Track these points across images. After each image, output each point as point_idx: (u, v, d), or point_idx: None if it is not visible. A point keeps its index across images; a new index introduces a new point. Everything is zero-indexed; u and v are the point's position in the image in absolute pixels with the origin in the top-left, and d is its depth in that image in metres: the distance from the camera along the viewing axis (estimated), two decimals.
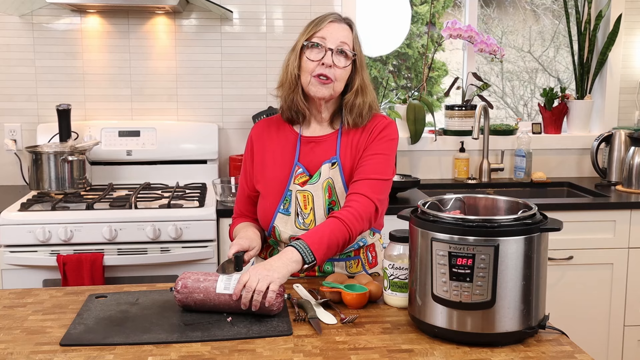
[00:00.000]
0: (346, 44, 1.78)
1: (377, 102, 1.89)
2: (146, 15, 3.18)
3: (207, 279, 1.58)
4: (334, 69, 1.77)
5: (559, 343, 1.44)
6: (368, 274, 1.90)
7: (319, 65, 1.77)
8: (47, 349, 1.41)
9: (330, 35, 1.78)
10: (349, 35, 1.80)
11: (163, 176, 3.15)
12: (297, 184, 1.83)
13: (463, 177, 3.36)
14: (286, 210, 1.83)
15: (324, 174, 1.82)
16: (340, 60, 1.78)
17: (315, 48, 1.78)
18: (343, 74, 1.79)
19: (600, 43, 3.46)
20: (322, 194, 1.81)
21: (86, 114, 3.22)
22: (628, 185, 3.09)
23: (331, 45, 1.77)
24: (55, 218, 2.53)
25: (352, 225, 1.70)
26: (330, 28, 1.78)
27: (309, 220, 1.82)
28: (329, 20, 1.80)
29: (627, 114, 3.51)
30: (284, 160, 1.87)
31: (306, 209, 1.82)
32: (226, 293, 1.55)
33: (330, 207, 1.81)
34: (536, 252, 1.40)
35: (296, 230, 1.82)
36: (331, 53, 1.77)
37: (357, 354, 1.38)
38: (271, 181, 1.87)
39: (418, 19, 3.77)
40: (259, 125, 1.96)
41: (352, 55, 1.80)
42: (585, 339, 2.82)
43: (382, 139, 1.83)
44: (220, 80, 3.27)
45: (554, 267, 2.82)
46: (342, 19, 1.82)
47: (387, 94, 3.54)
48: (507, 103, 4.08)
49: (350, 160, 1.83)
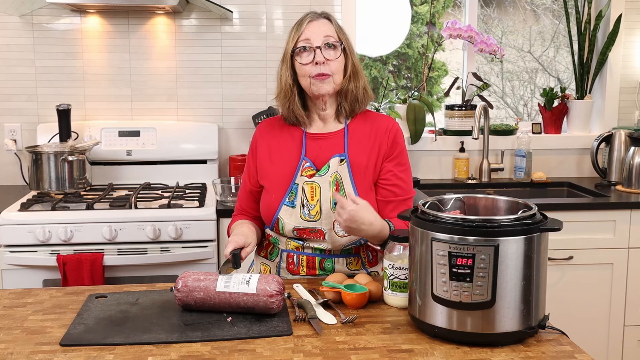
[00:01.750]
0: (330, 36, 1.83)
1: (369, 86, 1.94)
2: (146, 15, 3.18)
3: (207, 278, 1.58)
4: (327, 64, 1.82)
5: (559, 343, 1.44)
6: (368, 272, 1.90)
7: (313, 66, 1.81)
8: (47, 349, 1.41)
9: (313, 34, 1.82)
10: (330, 28, 1.85)
11: (163, 176, 3.15)
12: (305, 176, 1.85)
13: (463, 177, 3.36)
14: (291, 202, 1.85)
15: (332, 168, 1.85)
16: (330, 54, 1.83)
17: (304, 51, 1.83)
18: (338, 66, 1.84)
19: (600, 43, 3.46)
20: (330, 186, 1.83)
21: (86, 114, 3.22)
22: (628, 185, 3.09)
23: (317, 43, 1.82)
24: (55, 218, 2.53)
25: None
26: (311, 27, 1.83)
27: (315, 211, 1.83)
28: (307, 21, 1.85)
29: (627, 114, 3.51)
30: (290, 155, 1.90)
31: (312, 200, 1.83)
32: (226, 291, 1.55)
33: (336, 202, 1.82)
34: (536, 252, 1.40)
35: (301, 221, 1.84)
36: (320, 50, 1.81)
37: (357, 354, 1.38)
38: (277, 175, 1.89)
39: (418, 19, 3.78)
40: (263, 124, 2.00)
41: (339, 45, 1.84)
42: (585, 339, 2.82)
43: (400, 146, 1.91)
44: (220, 80, 3.27)
45: (554, 267, 2.82)
46: (319, 15, 1.87)
47: (387, 94, 3.54)
48: (507, 103, 4.08)
49: (358, 156, 1.86)
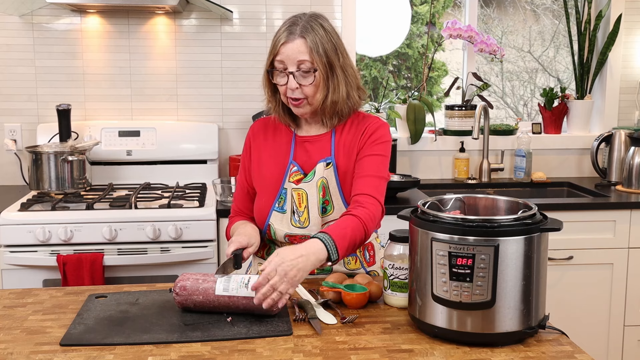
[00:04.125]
0: (305, 60, 1.74)
1: (354, 89, 1.82)
2: (146, 15, 3.18)
3: (206, 281, 1.58)
4: (301, 89, 1.76)
5: (559, 343, 1.44)
6: (366, 272, 1.90)
7: (287, 89, 1.77)
8: (47, 349, 1.41)
9: (287, 57, 1.74)
10: (305, 49, 1.73)
11: (163, 176, 3.15)
12: (292, 182, 1.84)
13: (463, 177, 3.36)
14: (281, 208, 1.84)
15: (318, 173, 1.82)
16: (304, 79, 1.76)
17: (279, 73, 1.78)
18: (312, 89, 1.77)
19: (600, 43, 3.46)
20: (317, 192, 1.81)
21: (86, 114, 3.22)
22: (628, 185, 3.09)
23: (291, 68, 1.75)
24: (55, 218, 2.53)
25: (369, 226, 1.71)
26: (284, 50, 1.74)
27: (304, 218, 1.82)
28: (281, 42, 1.75)
29: (627, 114, 3.51)
30: (279, 159, 1.88)
31: (300, 207, 1.82)
32: (225, 295, 1.55)
33: (323, 207, 1.82)
34: (536, 252, 1.40)
35: (292, 228, 1.83)
36: (293, 76, 1.75)
37: (357, 354, 1.38)
38: (266, 179, 1.88)
39: (418, 19, 3.78)
40: (256, 124, 1.98)
41: (313, 71, 1.75)
42: (585, 339, 2.82)
43: (377, 141, 1.82)
44: (220, 80, 3.27)
45: (554, 267, 2.82)
46: (294, 34, 1.74)
47: (387, 94, 3.54)
48: (507, 103, 4.08)
49: (344, 160, 1.84)
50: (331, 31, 1.79)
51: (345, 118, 1.85)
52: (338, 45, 1.79)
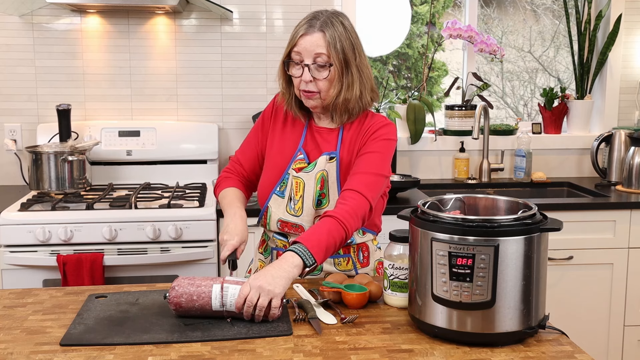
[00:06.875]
0: (322, 54, 1.75)
1: (367, 90, 1.83)
2: (146, 15, 3.18)
3: (200, 296, 1.52)
4: (315, 82, 1.77)
5: (559, 343, 1.44)
6: (357, 273, 1.90)
7: (301, 82, 1.78)
8: (47, 349, 1.41)
9: (304, 49, 1.75)
10: (322, 43, 1.74)
11: (163, 176, 3.15)
12: (294, 169, 1.85)
13: (463, 177, 3.36)
14: (281, 192, 1.86)
15: (319, 165, 1.83)
16: (319, 73, 1.76)
17: (295, 64, 1.78)
18: (326, 84, 1.78)
19: (600, 43, 3.46)
20: (314, 184, 1.82)
21: (86, 114, 3.22)
22: (628, 185, 3.09)
23: (307, 61, 1.76)
24: (55, 218, 2.53)
25: (348, 223, 1.68)
26: (302, 42, 1.75)
27: (298, 207, 1.83)
28: (300, 34, 1.76)
29: (627, 114, 3.51)
30: (290, 143, 1.90)
31: (297, 195, 1.84)
32: (223, 310, 1.52)
33: (319, 199, 1.82)
34: (536, 252, 1.40)
35: (286, 214, 1.84)
36: (309, 69, 1.76)
37: (357, 354, 1.38)
38: (273, 159, 1.90)
39: (418, 19, 3.77)
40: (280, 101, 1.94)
41: (328, 65, 1.75)
42: (585, 339, 2.82)
43: (378, 138, 1.82)
44: (220, 80, 3.27)
45: (554, 267, 2.82)
46: (313, 27, 1.75)
47: (387, 94, 3.54)
48: (507, 103, 4.08)
49: (347, 157, 1.84)
50: (351, 30, 1.80)
51: (355, 117, 1.86)
52: (356, 44, 1.80)
